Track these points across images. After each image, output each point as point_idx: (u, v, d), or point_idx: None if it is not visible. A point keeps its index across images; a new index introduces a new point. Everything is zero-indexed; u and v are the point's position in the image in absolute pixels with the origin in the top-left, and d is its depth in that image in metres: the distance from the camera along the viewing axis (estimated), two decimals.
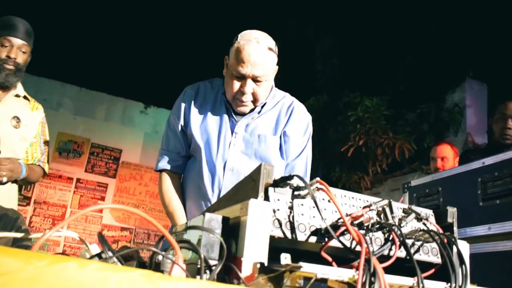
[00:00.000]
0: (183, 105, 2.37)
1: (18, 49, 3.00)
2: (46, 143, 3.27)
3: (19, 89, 3.14)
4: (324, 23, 6.84)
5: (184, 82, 2.52)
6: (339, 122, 7.38)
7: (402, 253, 1.19)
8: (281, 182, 1.09)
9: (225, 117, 2.31)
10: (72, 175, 7.86)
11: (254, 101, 2.23)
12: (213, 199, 2.19)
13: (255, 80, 2.16)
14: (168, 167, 2.37)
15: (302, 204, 1.12)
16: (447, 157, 4.26)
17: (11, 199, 2.99)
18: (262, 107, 2.32)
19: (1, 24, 3.00)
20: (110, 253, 0.85)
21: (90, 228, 7.73)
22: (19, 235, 1.11)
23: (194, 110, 2.34)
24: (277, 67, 2.27)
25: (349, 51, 7.10)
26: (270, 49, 2.18)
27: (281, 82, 2.53)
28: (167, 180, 2.36)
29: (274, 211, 1.06)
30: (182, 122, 2.35)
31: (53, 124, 7.39)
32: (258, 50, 2.13)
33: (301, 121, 2.39)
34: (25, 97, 3.18)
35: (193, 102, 2.35)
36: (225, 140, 2.26)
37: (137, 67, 7.19)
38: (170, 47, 6.80)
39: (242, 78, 2.16)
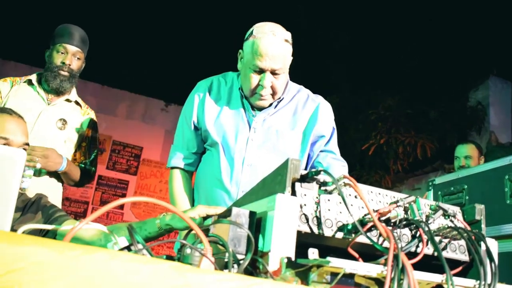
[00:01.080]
0: (196, 100, 2.35)
1: (73, 56, 3.10)
2: (95, 147, 3.32)
3: (73, 94, 3.22)
4: (344, 19, 6.77)
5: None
6: (359, 120, 7.33)
7: (429, 250, 1.17)
8: (308, 177, 1.09)
9: (242, 112, 2.29)
10: None
11: (273, 94, 2.22)
12: (233, 193, 2.18)
13: (273, 73, 2.15)
14: (181, 164, 2.35)
15: (328, 200, 1.11)
16: (471, 156, 4.20)
17: (54, 198, 3.02)
18: (279, 102, 2.31)
19: (58, 32, 3.10)
20: (140, 245, 0.85)
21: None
22: (50, 227, 1.12)
23: (208, 105, 2.32)
24: (292, 58, 2.26)
25: (371, 48, 7.03)
26: (286, 40, 2.17)
27: (300, 80, 2.52)
28: (178, 178, 2.34)
29: (301, 206, 1.06)
30: (195, 117, 2.34)
31: None
32: (275, 43, 2.11)
33: (328, 112, 2.41)
34: (76, 102, 3.24)
35: (206, 97, 2.34)
36: (242, 135, 2.25)
37: (158, 65, 7.24)
38: (190, 45, 6.83)
39: (261, 72, 2.15)
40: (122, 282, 0.73)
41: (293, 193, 1.07)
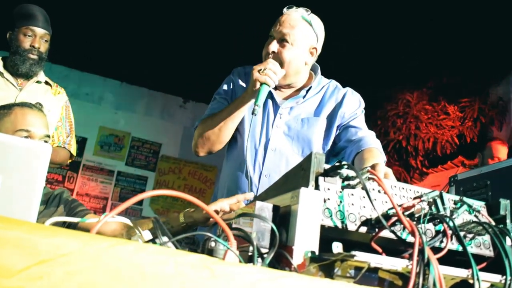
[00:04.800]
0: (231, 82, 2.43)
1: (41, 39, 3.05)
2: (71, 125, 3.28)
3: (41, 75, 3.17)
4: (345, 18, 6.68)
5: (222, 77, 2.54)
6: (378, 116, 7.27)
7: (453, 245, 1.16)
8: (331, 171, 1.09)
9: (269, 99, 2.33)
10: (113, 168, 8.03)
11: (280, 64, 2.19)
12: (254, 177, 2.23)
13: (281, 40, 2.20)
14: None
15: (352, 194, 1.10)
16: (500, 158, 4.25)
17: None
18: (307, 92, 2.35)
19: (20, 13, 3.04)
20: (165, 238, 0.86)
21: None
22: (76, 219, 1.14)
23: (240, 90, 2.38)
24: (315, 45, 2.28)
25: (384, 45, 6.95)
26: (305, 20, 2.23)
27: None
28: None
29: (324, 201, 1.06)
30: (230, 96, 2.39)
31: (94, 118, 7.66)
32: (292, 14, 2.22)
33: (356, 97, 2.42)
34: (46, 83, 3.20)
35: (239, 82, 2.42)
36: (268, 121, 2.30)
37: (176, 62, 7.26)
38: (209, 42, 6.84)
39: (271, 39, 2.23)
40: (149, 274, 0.74)
41: (316, 187, 1.07)
